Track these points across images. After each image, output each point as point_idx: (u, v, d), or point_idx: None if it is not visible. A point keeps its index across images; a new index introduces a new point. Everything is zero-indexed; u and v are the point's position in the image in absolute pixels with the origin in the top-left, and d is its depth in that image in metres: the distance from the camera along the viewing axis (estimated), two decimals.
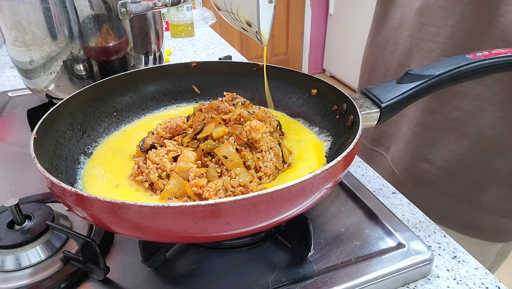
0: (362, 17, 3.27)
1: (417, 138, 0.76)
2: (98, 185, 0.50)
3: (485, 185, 0.72)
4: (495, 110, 0.66)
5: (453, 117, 0.70)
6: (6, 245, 0.44)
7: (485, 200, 0.72)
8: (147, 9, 0.70)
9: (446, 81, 0.51)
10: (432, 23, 0.69)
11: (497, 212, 0.72)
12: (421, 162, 0.76)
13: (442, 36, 0.68)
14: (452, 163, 0.73)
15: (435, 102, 0.71)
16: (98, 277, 0.44)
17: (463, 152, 0.71)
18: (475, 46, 0.64)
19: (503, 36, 0.61)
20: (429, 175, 0.76)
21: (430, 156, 0.75)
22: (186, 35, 1.51)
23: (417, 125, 0.75)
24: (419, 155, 0.76)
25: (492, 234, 0.76)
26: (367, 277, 0.44)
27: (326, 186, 0.40)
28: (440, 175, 0.75)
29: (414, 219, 0.57)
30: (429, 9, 0.69)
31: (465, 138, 0.70)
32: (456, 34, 0.66)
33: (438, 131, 0.73)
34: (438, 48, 0.69)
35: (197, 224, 0.34)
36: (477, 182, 0.72)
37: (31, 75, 0.73)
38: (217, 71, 0.70)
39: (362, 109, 0.51)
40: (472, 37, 0.65)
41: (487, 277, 0.47)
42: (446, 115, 0.70)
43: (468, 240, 0.77)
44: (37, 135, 0.46)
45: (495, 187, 0.71)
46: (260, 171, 0.50)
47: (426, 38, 0.71)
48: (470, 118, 0.68)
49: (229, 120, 0.54)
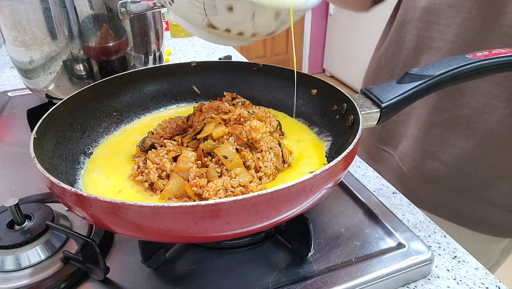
0: (362, 17, 3.27)
1: (425, 137, 0.76)
2: (100, 189, 0.50)
3: (494, 181, 0.72)
4: (503, 107, 0.66)
5: (461, 114, 0.70)
6: (6, 245, 0.44)
7: (494, 196, 0.73)
8: (147, 9, 0.70)
9: (446, 81, 0.51)
10: (439, 22, 0.69)
11: (506, 208, 0.73)
12: (430, 160, 0.77)
13: (449, 35, 0.68)
14: (461, 160, 0.73)
15: (443, 100, 0.71)
16: (98, 277, 0.44)
17: (471, 148, 0.71)
18: (482, 44, 0.65)
19: (510, 33, 0.62)
20: (438, 172, 0.76)
21: (438, 153, 0.75)
22: (186, 35, 1.51)
23: (425, 124, 0.75)
24: (427, 152, 0.77)
25: (501, 229, 0.76)
26: (367, 277, 0.44)
27: (326, 186, 0.40)
28: (449, 172, 0.75)
29: (414, 219, 0.57)
30: (436, 8, 0.69)
31: (473, 135, 0.70)
32: (464, 32, 0.66)
33: (446, 129, 0.73)
34: (445, 46, 0.69)
35: (197, 224, 0.34)
36: (486, 179, 0.72)
37: (31, 75, 0.73)
38: (217, 71, 0.70)
39: (362, 109, 0.50)
40: (479, 34, 0.65)
41: (487, 277, 0.47)
42: (454, 113, 0.71)
43: (477, 236, 0.77)
44: (37, 135, 0.46)
45: (504, 183, 0.71)
46: (260, 171, 0.50)
47: (434, 36, 0.71)
48: (478, 115, 0.68)
49: (229, 120, 0.54)
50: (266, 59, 3.93)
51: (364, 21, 3.24)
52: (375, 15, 0.89)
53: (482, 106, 0.68)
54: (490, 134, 0.68)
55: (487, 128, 0.68)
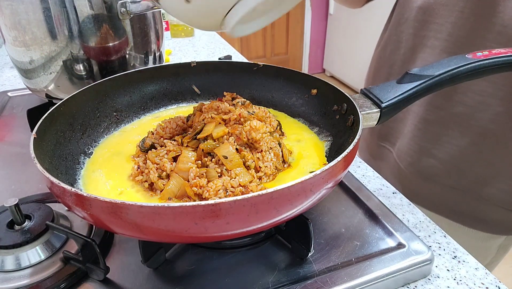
0: (362, 17, 3.27)
1: (421, 134, 0.77)
2: (101, 190, 0.50)
3: (489, 178, 0.73)
4: (497, 105, 0.67)
5: (456, 112, 0.71)
6: (6, 245, 0.44)
7: (490, 193, 0.73)
8: (147, 9, 0.70)
9: (446, 81, 0.51)
10: (434, 21, 0.71)
11: (502, 206, 0.73)
12: (426, 157, 0.78)
13: (443, 33, 0.70)
14: (456, 157, 0.74)
15: (438, 98, 0.72)
16: (98, 277, 0.44)
17: (466, 146, 0.72)
18: (476, 42, 0.66)
19: (503, 32, 0.63)
20: (434, 169, 0.77)
21: (434, 150, 0.76)
22: (186, 35, 1.51)
23: (421, 121, 0.76)
24: (423, 149, 0.78)
25: (497, 227, 0.77)
26: (367, 277, 0.44)
27: (326, 186, 0.40)
28: (444, 169, 0.76)
29: (414, 219, 0.57)
30: (430, 7, 0.71)
31: (468, 133, 0.71)
32: (457, 31, 0.68)
33: (441, 126, 0.74)
34: (440, 45, 0.71)
35: (197, 224, 0.34)
36: (481, 176, 0.73)
37: (31, 75, 0.73)
38: (217, 71, 0.70)
39: (362, 109, 0.50)
40: (473, 33, 0.66)
41: (487, 277, 0.47)
42: (450, 110, 0.71)
43: (473, 233, 0.77)
44: (37, 135, 0.46)
45: (498, 180, 0.72)
46: (260, 171, 0.50)
47: (429, 35, 0.72)
48: (473, 113, 0.69)
49: (229, 120, 0.54)
50: (266, 59, 3.93)
51: (364, 21, 3.25)
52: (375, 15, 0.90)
53: (476, 104, 0.68)
54: (484, 132, 0.69)
55: (482, 126, 0.69)
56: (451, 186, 0.77)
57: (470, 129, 0.70)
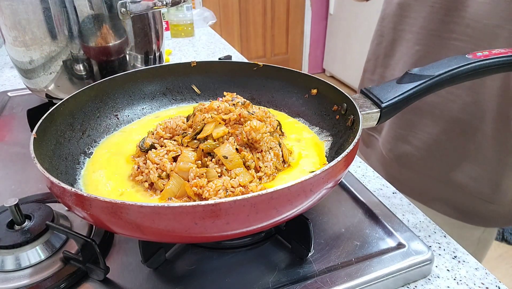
0: (362, 17, 3.27)
1: (398, 120, 0.82)
2: (101, 190, 0.50)
3: (459, 166, 0.76)
4: (466, 95, 0.71)
5: (428, 101, 0.75)
6: (6, 245, 0.44)
7: (461, 181, 0.77)
8: (147, 9, 0.70)
9: (446, 81, 0.51)
10: (409, 15, 0.77)
11: (479, 196, 0.76)
12: (402, 143, 0.83)
13: (416, 27, 0.76)
14: (429, 145, 0.78)
15: None
16: (98, 277, 0.44)
17: (438, 133, 0.76)
18: (446, 34, 0.71)
19: (470, 24, 0.67)
20: (410, 156, 0.82)
21: (409, 137, 0.81)
22: (186, 35, 1.51)
23: None
24: (400, 136, 0.83)
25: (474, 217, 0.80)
26: (367, 277, 0.44)
27: (326, 186, 0.40)
28: (419, 155, 0.80)
29: (414, 219, 0.57)
30: (407, 3, 0.77)
31: (439, 121, 0.76)
32: (428, 24, 0.73)
33: (416, 114, 0.79)
34: (413, 37, 0.76)
35: (197, 224, 0.34)
36: (452, 163, 0.77)
37: (31, 75, 0.73)
38: (217, 71, 0.70)
39: (362, 109, 0.50)
40: (443, 26, 0.71)
41: (487, 277, 0.47)
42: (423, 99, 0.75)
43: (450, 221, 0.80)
44: (37, 135, 0.46)
45: (468, 168, 0.76)
46: (260, 171, 0.50)
47: (405, 29, 0.79)
48: (443, 102, 0.74)
49: (229, 120, 0.54)
50: (266, 59, 3.93)
51: (364, 21, 3.25)
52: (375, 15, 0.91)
53: (447, 95, 0.73)
54: (454, 121, 0.74)
55: (452, 116, 0.73)
56: (426, 173, 0.81)
57: (442, 118, 0.75)
